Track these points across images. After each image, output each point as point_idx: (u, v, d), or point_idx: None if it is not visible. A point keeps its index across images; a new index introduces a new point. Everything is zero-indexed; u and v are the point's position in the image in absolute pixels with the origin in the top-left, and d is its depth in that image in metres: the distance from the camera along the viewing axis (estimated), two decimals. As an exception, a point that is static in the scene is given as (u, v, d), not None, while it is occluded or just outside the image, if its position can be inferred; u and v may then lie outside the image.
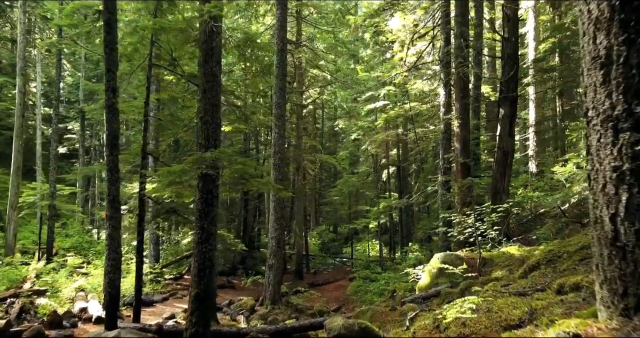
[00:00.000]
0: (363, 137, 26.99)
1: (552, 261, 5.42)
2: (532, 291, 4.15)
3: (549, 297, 3.57)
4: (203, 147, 6.91)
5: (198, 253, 6.82)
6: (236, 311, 13.34)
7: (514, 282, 5.09)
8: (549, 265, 5.40)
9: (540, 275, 5.05)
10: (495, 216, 8.52)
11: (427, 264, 9.62)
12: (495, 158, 12.50)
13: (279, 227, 14.38)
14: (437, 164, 21.10)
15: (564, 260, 5.21)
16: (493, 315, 3.39)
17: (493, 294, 4.37)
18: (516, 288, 4.51)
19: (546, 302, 3.37)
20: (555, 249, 5.62)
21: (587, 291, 3.20)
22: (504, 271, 7.42)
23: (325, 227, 35.93)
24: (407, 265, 16.77)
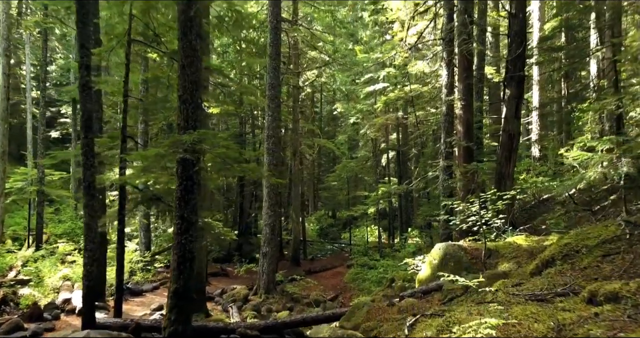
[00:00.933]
0: (362, 121, 26.27)
1: (570, 256, 4.82)
2: (552, 295, 3.56)
3: (578, 306, 2.98)
4: (182, 129, 6.27)
5: (177, 245, 6.22)
6: (228, 301, 12.84)
7: (526, 281, 4.50)
8: (566, 260, 4.80)
9: (557, 273, 4.45)
10: (500, 204, 7.91)
11: (428, 255, 9.06)
12: (500, 141, 11.84)
13: (273, 213, 13.80)
14: (438, 148, 20.44)
15: (584, 256, 4.61)
16: (510, 330, 2.80)
17: (505, 298, 3.77)
18: (531, 290, 3.92)
19: (575, 314, 2.77)
20: (572, 242, 5.01)
21: (629, 303, 2.61)
22: (510, 263, 6.85)
23: (324, 212, 35.45)
24: (407, 253, 16.26)
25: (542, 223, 11.89)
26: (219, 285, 15.92)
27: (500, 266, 6.96)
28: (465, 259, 7.68)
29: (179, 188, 6.28)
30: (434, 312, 4.86)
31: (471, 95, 12.40)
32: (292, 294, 14.46)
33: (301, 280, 15.60)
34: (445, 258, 7.88)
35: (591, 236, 4.98)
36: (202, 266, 10.97)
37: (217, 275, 17.40)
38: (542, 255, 5.38)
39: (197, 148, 5.95)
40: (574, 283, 3.77)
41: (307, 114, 30.63)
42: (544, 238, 7.66)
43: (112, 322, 7.85)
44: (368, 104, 24.52)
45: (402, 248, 18.28)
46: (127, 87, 8.60)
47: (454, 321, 3.50)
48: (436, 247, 8.27)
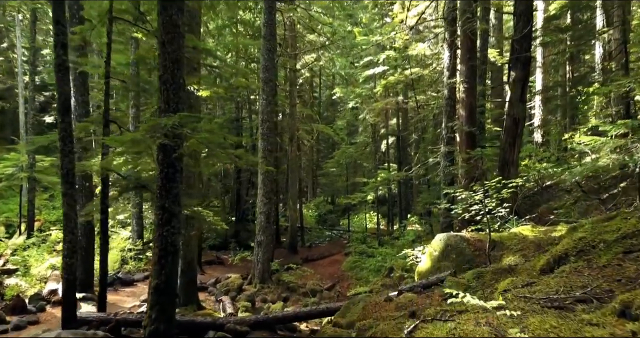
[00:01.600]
0: (361, 106, 25.68)
1: (585, 252, 4.37)
2: (572, 301, 3.10)
3: (607, 320, 2.52)
4: (163, 112, 5.76)
5: (159, 238, 5.77)
6: (222, 291, 12.48)
7: (538, 280, 4.05)
8: (581, 257, 4.35)
9: (573, 272, 3.99)
10: (505, 192, 7.44)
11: (428, 245, 8.64)
12: (504, 126, 11.32)
13: (268, 201, 13.36)
14: (438, 133, 19.91)
15: (602, 252, 4.16)
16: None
17: (517, 302, 3.32)
18: (546, 293, 3.46)
19: (607, 332, 2.33)
20: (587, 236, 4.56)
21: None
22: (516, 256, 6.40)
23: (322, 199, 35.06)
24: (406, 241, 15.88)
25: (547, 212, 11.45)
26: (213, 274, 15.56)
27: (506, 259, 6.52)
28: (467, 251, 7.24)
29: (159, 177, 5.81)
30: (436, 312, 4.42)
31: (474, 77, 11.85)
32: (288, 283, 14.10)
33: (297, 268, 15.25)
34: (447, 250, 7.45)
35: (609, 229, 4.52)
36: (194, 256, 10.56)
37: (212, 263, 17.05)
38: (553, 249, 4.93)
39: (177, 133, 5.45)
40: (595, 286, 3.31)
41: (305, 98, 30.02)
42: (551, 229, 7.20)
43: (94, 316, 7.45)
44: (367, 88, 23.91)
45: (401, 236, 17.91)
46: (109, 68, 8.06)
47: (460, 334, 3.05)
48: (437, 237, 7.83)
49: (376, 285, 13.69)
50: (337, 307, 6.97)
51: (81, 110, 10.83)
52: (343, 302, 7.11)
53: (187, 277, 10.34)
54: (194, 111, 10.57)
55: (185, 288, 10.34)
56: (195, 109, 10.57)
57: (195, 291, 10.60)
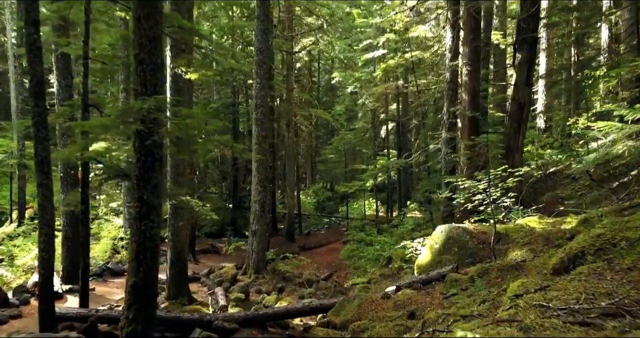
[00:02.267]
0: (360, 90, 25.07)
1: (605, 251, 3.91)
2: (598, 314, 2.65)
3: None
4: (139, 95, 5.25)
5: (136, 232, 5.31)
6: (215, 282, 12.08)
7: (552, 283, 3.58)
8: (600, 256, 3.89)
9: (592, 275, 3.54)
10: (511, 181, 6.98)
11: (428, 237, 8.22)
12: (509, 111, 10.83)
13: (262, 189, 12.89)
14: (439, 118, 19.34)
15: (624, 252, 3.70)
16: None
17: (531, 315, 2.86)
18: (565, 301, 3.00)
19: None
20: (606, 233, 4.09)
21: None
22: (524, 251, 5.96)
23: (321, 185, 34.63)
24: (405, 230, 15.48)
25: (552, 201, 11.00)
26: (208, 263, 15.18)
27: (512, 253, 6.07)
28: (470, 244, 6.80)
29: (136, 166, 5.33)
30: (437, 316, 3.98)
31: (478, 59, 11.29)
32: (284, 273, 13.72)
33: (294, 258, 14.84)
34: (448, 242, 7.01)
35: (631, 225, 4.05)
36: (184, 246, 10.14)
37: (207, 252, 16.65)
38: (567, 246, 4.47)
39: (153, 118, 4.95)
40: (622, 296, 2.85)
41: (304, 83, 29.37)
42: (560, 221, 6.76)
43: (75, 312, 7.05)
44: (367, 72, 23.27)
45: (401, 224, 17.50)
46: (87, 48, 7.51)
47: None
48: (438, 229, 7.38)
49: (374, 275, 13.31)
50: (331, 303, 6.56)
51: (64, 94, 10.28)
52: (337, 298, 6.69)
53: (177, 268, 9.93)
54: (183, 95, 10.05)
55: (175, 280, 9.95)
56: (185, 92, 10.05)
57: (185, 283, 10.21)
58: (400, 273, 12.16)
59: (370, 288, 11.82)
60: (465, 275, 5.88)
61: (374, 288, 11.81)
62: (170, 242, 9.96)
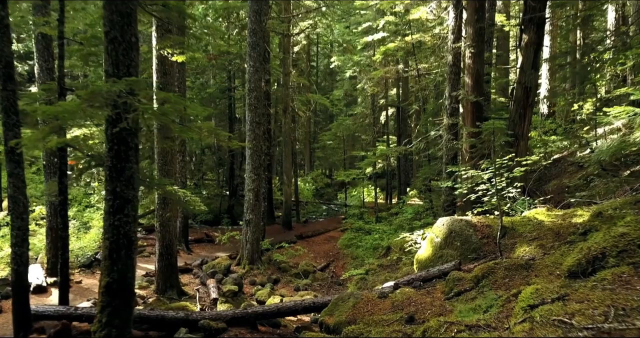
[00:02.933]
0: (360, 75, 24.42)
1: (630, 253, 3.45)
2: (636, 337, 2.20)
3: None
4: (110, 77, 4.73)
5: (109, 228, 4.85)
6: (208, 273, 11.68)
7: (571, 290, 3.13)
8: (624, 259, 3.43)
9: (618, 282, 3.08)
10: (518, 171, 6.50)
11: (429, 230, 7.78)
12: (514, 96, 10.29)
13: (257, 177, 12.42)
14: (441, 104, 18.79)
15: (654, 255, 3.24)
16: None
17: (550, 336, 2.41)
18: (591, 317, 2.55)
19: None
20: (630, 233, 3.63)
21: None
22: (532, 247, 5.51)
23: (320, 172, 34.14)
24: (404, 219, 15.06)
25: (558, 190, 10.54)
26: (201, 253, 14.79)
27: (519, 249, 5.63)
28: (474, 239, 6.35)
29: (108, 155, 4.84)
30: (439, 325, 3.54)
31: (482, 41, 10.71)
32: (280, 263, 13.34)
33: (290, 247, 14.46)
34: (450, 236, 6.56)
35: (658, 224, 3.58)
36: (172, 238, 9.70)
37: (201, 241, 16.26)
38: (584, 245, 4.00)
39: (122, 102, 4.44)
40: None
41: (302, 67, 28.72)
42: (570, 213, 6.29)
43: (52, 310, 6.63)
44: (366, 55, 22.62)
45: (400, 212, 17.07)
46: (63, 27, 6.96)
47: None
48: (439, 222, 6.92)
49: (372, 266, 12.93)
50: (325, 301, 6.13)
51: (45, 77, 9.76)
52: (332, 296, 6.26)
53: (165, 261, 9.52)
54: (170, 79, 9.52)
55: (164, 273, 9.54)
56: (172, 76, 9.50)
57: (175, 275, 9.80)
58: (399, 263, 11.79)
59: (367, 280, 11.44)
60: (468, 273, 5.44)
61: (372, 280, 11.44)
62: (159, 234, 9.53)
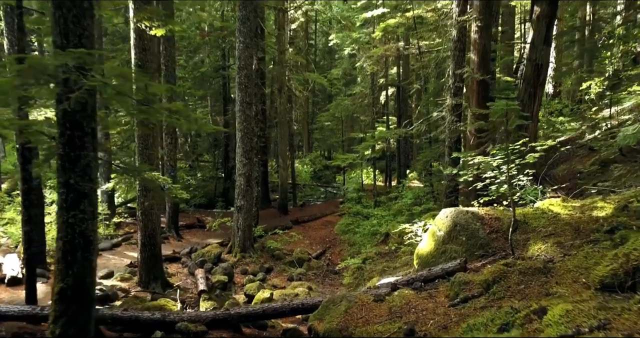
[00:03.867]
0: (359, 53, 23.47)
1: (682, 266, 2.79)
2: None
3: None
4: (59, 48, 4.00)
5: (63, 226, 4.19)
6: (196, 262, 11.11)
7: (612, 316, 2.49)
8: (676, 273, 2.77)
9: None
10: (532, 157, 5.80)
11: (430, 221, 7.14)
12: (524, 74, 9.52)
13: (248, 161, 11.73)
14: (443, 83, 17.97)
15: None
16: None
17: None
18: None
19: None
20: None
21: None
22: (549, 245, 4.86)
23: (318, 153, 33.40)
24: (404, 204, 14.44)
25: (568, 175, 9.87)
26: (192, 240, 14.21)
27: (534, 247, 4.98)
28: (481, 233, 5.70)
29: (59, 142, 4.15)
30: None
31: (490, 14, 9.88)
32: (273, 251, 12.77)
33: (284, 234, 13.86)
34: (455, 230, 5.91)
35: None
36: (156, 227, 9.06)
37: (192, 227, 15.66)
38: (620, 251, 3.35)
39: (65, 79, 3.73)
40: None
41: (300, 46, 27.75)
42: (589, 205, 5.63)
43: (16, 310, 6.02)
44: (365, 32, 21.64)
45: (400, 197, 16.44)
46: (21, -6, 6.17)
47: None
48: (442, 213, 6.27)
49: (370, 253, 12.34)
50: (315, 303, 5.53)
51: (11, 50, 8.98)
52: (322, 297, 5.66)
53: (148, 251, 8.91)
54: (148, 55, 8.74)
55: (146, 264, 8.95)
56: (151, 52, 8.72)
57: (159, 266, 9.21)
58: (398, 252, 11.22)
59: (364, 269, 10.87)
60: (476, 273, 4.81)
61: (369, 269, 10.86)
62: (140, 223, 8.89)
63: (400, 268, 10.02)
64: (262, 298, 8.00)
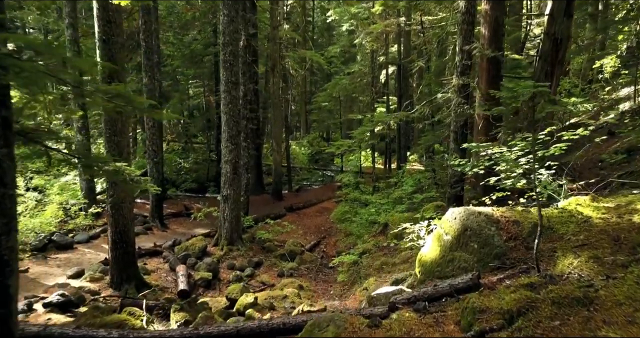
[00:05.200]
0: (358, 29, 22.22)
1: None
2: None
3: None
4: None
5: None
6: (179, 257, 10.26)
7: None
8: None
9: None
10: (558, 148, 4.85)
11: (436, 221, 6.22)
12: (540, 50, 8.49)
13: (234, 147, 10.77)
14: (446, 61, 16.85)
15: None
16: None
17: None
18: None
19: None
20: None
21: None
22: (583, 260, 3.94)
23: (316, 135, 32.33)
24: (404, 193, 13.52)
25: (588, 164, 8.92)
26: (178, 230, 13.36)
27: (563, 261, 4.07)
28: (497, 240, 4.78)
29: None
30: None
31: (503, -18, 8.76)
32: (264, 242, 11.94)
33: (276, 223, 12.99)
34: (465, 234, 4.99)
35: None
36: (128, 223, 8.15)
37: (179, 215, 14.76)
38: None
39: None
40: None
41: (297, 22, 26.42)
42: (625, 205, 4.70)
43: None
44: (364, 7, 20.37)
45: (400, 183, 15.51)
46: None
47: None
48: (450, 214, 5.33)
49: (367, 245, 11.49)
50: (298, 323, 4.65)
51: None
52: (306, 317, 4.76)
53: (120, 250, 8.03)
54: (115, 28, 7.67)
55: (118, 264, 8.07)
56: (118, 25, 7.65)
57: (133, 265, 8.34)
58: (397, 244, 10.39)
59: (361, 265, 10.02)
60: (493, 296, 3.90)
61: (366, 264, 9.99)
62: (111, 218, 7.99)
63: (400, 265, 9.15)
64: (244, 303, 7.17)
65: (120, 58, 7.56)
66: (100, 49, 7.43)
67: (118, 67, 7.51)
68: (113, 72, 7.48)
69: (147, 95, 12.51)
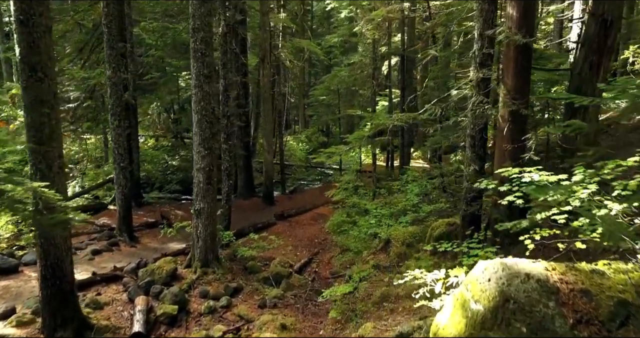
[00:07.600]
0: (357, 16, 20.46)
1: None
2: None
3: None
4: None
5: None
6: (140, 285, 8.61)
7: None
8: None
9: None
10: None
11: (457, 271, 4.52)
12: (582, 35, 6.76)
13: (207, 152, 9.08)
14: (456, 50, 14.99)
15: None
16: None
17: None
18: None
19: None
20: None
21: None
22: None
23: (315, 129, 30.57)
24: (408, 203, 11.85)
25: None
26: (150, 245, 11.70)
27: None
28: (559, 324, 3.09)
29: None
30: None
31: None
32: (247, 261, 10.32)
33: (261, 238, 11.34)
34: (505, 308, 3.30)
35: None
36: (64, 253, 6.48)
37: (154, 226, 13.04)
38: None
39: None
40: None
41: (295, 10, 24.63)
42: None
43: None
44: (365, -9, 18.60)
45: (403, 187, 13.82)
46: None
47: None
48: (481, 269, 3.62)
49: (366, 265, 9.85)
50: None
51: None
52: None
53: (52, 288, 6.38)
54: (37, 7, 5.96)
55: (50, 305, 6.44)
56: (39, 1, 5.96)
57: (71, 306, 6.70)
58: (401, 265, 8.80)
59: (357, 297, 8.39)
60: None
61: (363, 294, 8.38)
62: (39, 249, 6.33)
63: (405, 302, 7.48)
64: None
65: (46, 44, 5.88)
66: (18, 32, 5.76)
67: (42, 56, 5.84)
68: (36, 63, 5.81)
69: (110, 89, 10.81)
